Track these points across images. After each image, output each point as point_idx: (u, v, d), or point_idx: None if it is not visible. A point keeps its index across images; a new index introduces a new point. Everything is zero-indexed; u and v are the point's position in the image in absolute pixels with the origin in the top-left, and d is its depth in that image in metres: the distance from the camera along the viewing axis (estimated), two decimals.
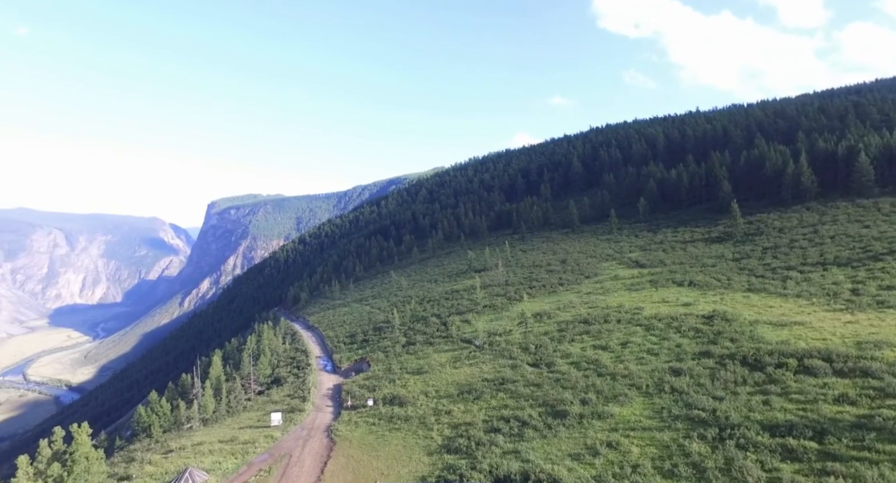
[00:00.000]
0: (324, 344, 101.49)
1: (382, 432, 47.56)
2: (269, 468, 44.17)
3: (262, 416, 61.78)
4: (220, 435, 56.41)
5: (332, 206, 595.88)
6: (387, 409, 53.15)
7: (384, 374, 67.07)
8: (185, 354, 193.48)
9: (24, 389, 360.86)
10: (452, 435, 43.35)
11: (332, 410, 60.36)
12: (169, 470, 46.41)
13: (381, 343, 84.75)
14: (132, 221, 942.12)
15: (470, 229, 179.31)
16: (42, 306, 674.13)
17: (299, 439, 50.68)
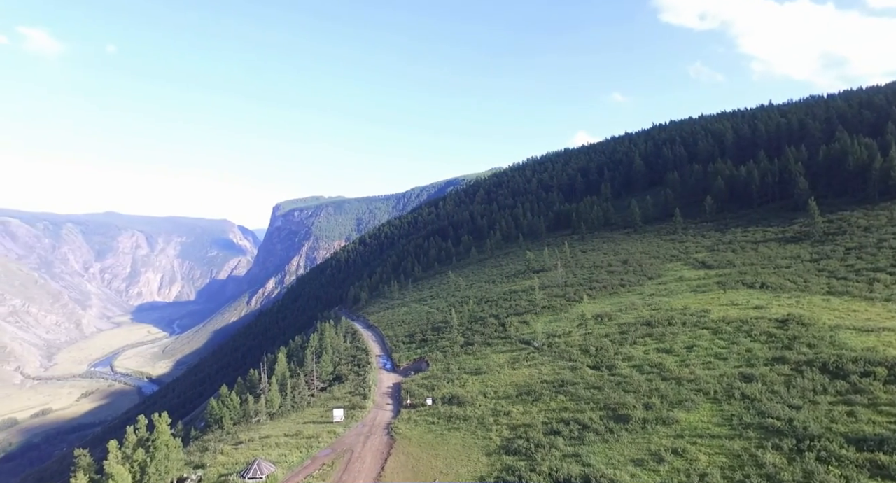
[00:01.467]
0: (383, 343, 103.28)
1: (441, 431, 47.89)
2: (331, 463, 45.43)
3: (324, 412, 63.58)
4: (286, 429, 58.48)
5: (390, 207, 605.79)
6: (445, 409, 53.46)
7: (443, 373, 67.48)
8: (252, 351, 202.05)
9: (111, 380, 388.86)
10: (511, 436, 43.09)
11: (392, 408, 61.36)
12: (239, 460, 48.58)
13: (440, 343, 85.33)
14: (204, 224, 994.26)
15: (528, 230, 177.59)
16: (126, 303, 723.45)
17: (360, 436, 51.82)
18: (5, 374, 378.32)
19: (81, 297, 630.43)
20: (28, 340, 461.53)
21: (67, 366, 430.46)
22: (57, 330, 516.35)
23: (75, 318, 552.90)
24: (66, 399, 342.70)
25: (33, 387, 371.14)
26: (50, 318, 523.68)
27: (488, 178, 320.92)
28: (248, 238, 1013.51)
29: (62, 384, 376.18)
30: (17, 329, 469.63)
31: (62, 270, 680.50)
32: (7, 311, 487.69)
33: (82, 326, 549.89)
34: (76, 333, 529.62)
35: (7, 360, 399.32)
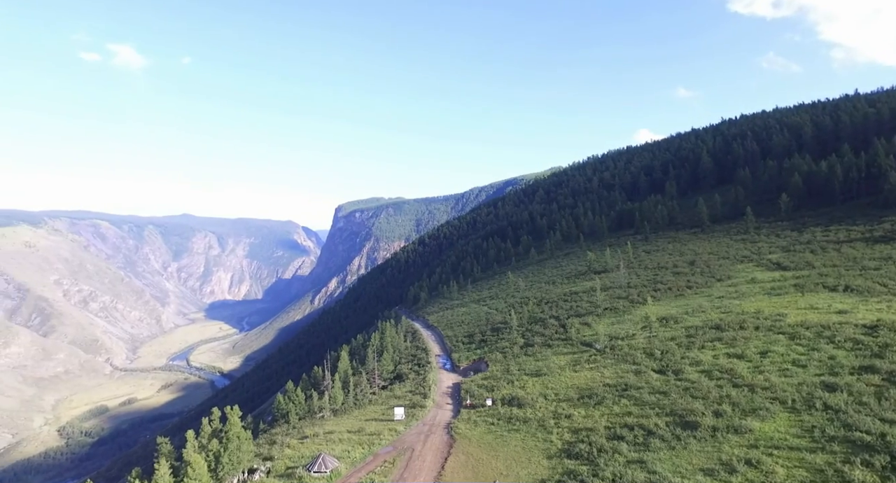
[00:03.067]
0: (443, 343, 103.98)
1: (501, 432, 47.70)
2: (393, 460, 46.19)
3: (385, 410, 64.74)
4: (349, 425, 59.99)
5: (449, 207, 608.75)
6: (505, 410, 53.19)
7: (502, 374, 67.19)
8: (316, 348, 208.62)
9: (187, 373, 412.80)
10: (573, 439, 42.33)
11: (452, 408, 61.68)
12: (304, 454, 50.30)
13: (499, 344, 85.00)
14: (271, 225, 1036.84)
15: (589, 230, 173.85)
16: (200, 301, 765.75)
17: (421, 434, 52.39)
18: (97, 364, 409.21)
19: (161, 295, 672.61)
20: (116, 334, 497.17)
21: (149, 359, 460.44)
22: (140, 325, 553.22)
23: (156, 315, 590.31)
24: (149, 390, 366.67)
25: (120, 377, 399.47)
26: (134, 313, 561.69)
27: (548, 178, 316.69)
28: (312, 239, 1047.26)
29: (145, 376, 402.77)
30: (106, 324, 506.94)
31: (144, 269, 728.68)
32: (99, 306, 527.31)
33: (162, 322, 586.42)
34: (156, 328, 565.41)
35: (99, 352, 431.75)
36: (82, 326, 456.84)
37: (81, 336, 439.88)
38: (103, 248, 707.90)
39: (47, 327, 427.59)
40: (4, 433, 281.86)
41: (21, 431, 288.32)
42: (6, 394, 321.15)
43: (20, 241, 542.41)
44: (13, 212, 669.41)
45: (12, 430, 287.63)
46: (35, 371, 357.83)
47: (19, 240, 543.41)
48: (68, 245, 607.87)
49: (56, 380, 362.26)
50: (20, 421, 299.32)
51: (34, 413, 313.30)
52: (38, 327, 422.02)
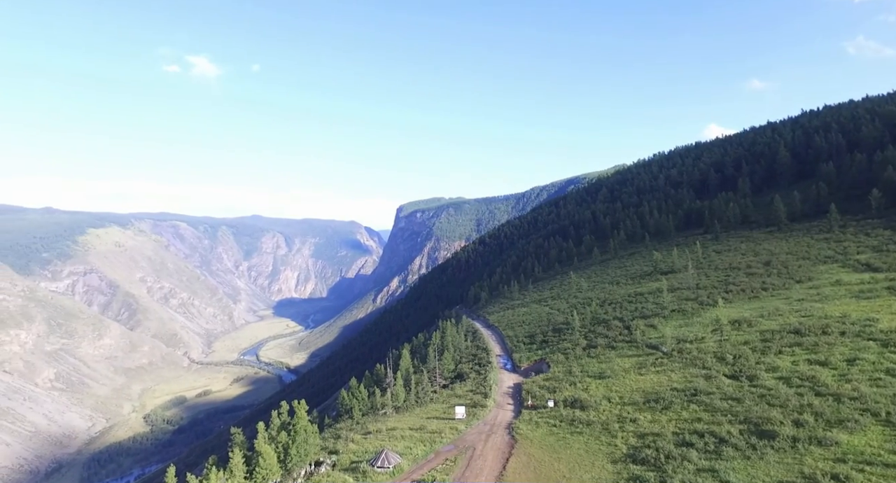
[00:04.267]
0: (503, 343, 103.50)
1: (563, 435, 46.94)
2: (454, 458, 46.46)
3: (446, 408, 65.16)
4: (411, 423, 60.83)
5: (510, 207, 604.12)
6: (567, 412, 52.29)
7: (564, 376, 66.09)
8: (378, 346, 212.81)
9: (257, 368, 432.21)
10: (638, 444, 41.05)
11: (513, 409, 61.29)
12: (368, 449, 51.48)
13: (561, 345, 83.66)
14: (335, 225, 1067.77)
15: (655, 229, 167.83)
16: (268, 299, 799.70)
17: (482, 434, 52.40)
18: (177, 357, 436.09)
19: (233, 292, 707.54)
20: (193, 329, 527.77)
21: (222, 353, 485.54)
22: (214, 321, 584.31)
23: (228, 311, 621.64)
24: (222, 382, 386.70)
25: (197, 370, 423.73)
26: (209, 310, 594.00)
27: (611, 176, 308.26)
28: (374, 239, 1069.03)
29: (218, 369, 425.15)
30: (185, 319, 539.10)
31: (218, 268, 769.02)
32: (178, 303, 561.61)
33: (234, 318, 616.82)
34: (229, 324, 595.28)
35: (178, 345, 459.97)
36: (163, 321, 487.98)
37: (163, 330, 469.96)
38: (182, 247, 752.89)
39: (133, 321, 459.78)
40: (100, 418, 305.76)
41: (113, 417, 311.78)
42: (101, 382, 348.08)
43: (111, 241, 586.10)
44: (105, 214, 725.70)
45: (106, 415, 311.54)
46: (124, 362, 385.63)
47: (110, 240, 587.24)
48: (151, 245, 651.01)
49: (141, 370, 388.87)
50: (112, 407, 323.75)
51: (124, 400, 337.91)
52: (125, 321, 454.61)
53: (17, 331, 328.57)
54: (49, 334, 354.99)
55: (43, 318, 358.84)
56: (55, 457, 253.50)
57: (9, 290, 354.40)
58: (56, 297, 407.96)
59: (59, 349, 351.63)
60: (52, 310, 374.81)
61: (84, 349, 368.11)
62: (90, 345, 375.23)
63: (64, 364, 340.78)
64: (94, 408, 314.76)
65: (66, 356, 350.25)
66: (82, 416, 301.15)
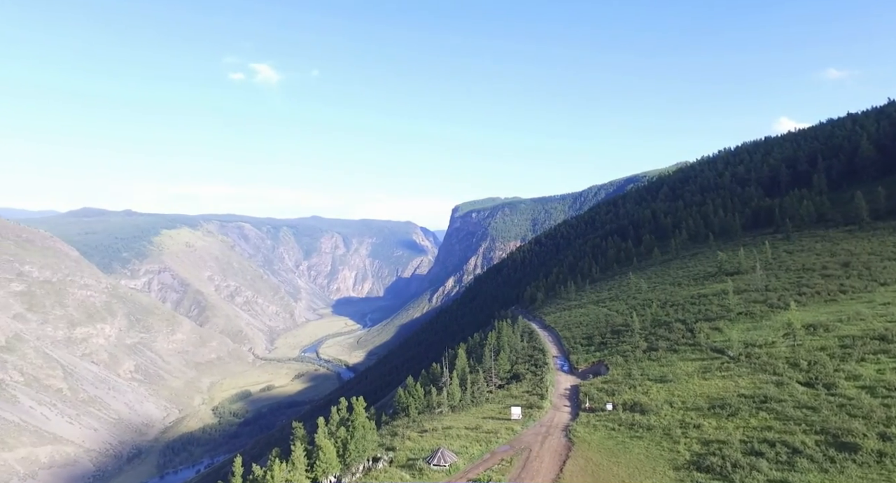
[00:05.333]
0: (560, 344, 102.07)
1: (623, 439, 45.80)
2: (510, 459, 46.26)
3: (502, 409, 64.95)
4: (466, 422, 61.02)
5: (566, 206, 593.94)
6: (627, 416, 50.97)
7: (623, 378, 64.46)
8: (433, 346, 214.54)
9: (317, 365, 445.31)
10: (703, 451, 39.48)
11: (570, 411, 60.36)
12: (424, 447, 52.04)
13: (620, 347, 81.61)
14: (391, 226, 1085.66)
15: (720, 228, 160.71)
16: (327, 297, 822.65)
17: (538, 435, 51.90)
18: (242, 353, 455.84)
19: (294, 291, 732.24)
20: (257, 326, 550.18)
21: (284, 350, 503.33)
22: (276, 318, 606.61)
23: (289, 309, 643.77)
24: (284, 378, 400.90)
25: (260, 366, 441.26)
26: (271, 308, 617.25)
27: (673, 174, 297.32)
28: (430, 239, 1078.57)
29: (280, 365, 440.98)
30: (249, 316, 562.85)
31: (279, 267, 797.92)
32: (242, 300, 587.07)
33: (295, 316, 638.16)
34: (290, 322, 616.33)
35: (243, 341, 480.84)
36: (230, 318, 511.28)
37: (229, 327, 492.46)
38: (246, 247, 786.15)
39: (202, 318, 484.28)
40: (173, 408, 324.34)
41: (185, 408, 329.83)
42: (174, 375, 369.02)
43: (182, 241, 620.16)
44: (177, 216, 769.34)
45: (179, 406, 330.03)
46: (194, 356, 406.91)
47: (181, 240, 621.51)
48: (218, 245, 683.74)
49: (210, 365, 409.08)
50: (184, 399, 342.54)
51: (194, 393, 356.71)
52: (195, 318, 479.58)
53: (102, 325, 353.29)
54: (129, 329, 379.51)
55: (124, 313, 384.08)
56: (135, 443, 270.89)
57: (95, 287, 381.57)
58: (135, 294, 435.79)
59: (138, 343, 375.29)
60: (131, 306, 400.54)
61: (159, 343, 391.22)
62: (164, 339, 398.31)
63: (142, 357, 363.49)
64: (168, 399, 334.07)
65: (143, 349, 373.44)
66: (158, 406, 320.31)
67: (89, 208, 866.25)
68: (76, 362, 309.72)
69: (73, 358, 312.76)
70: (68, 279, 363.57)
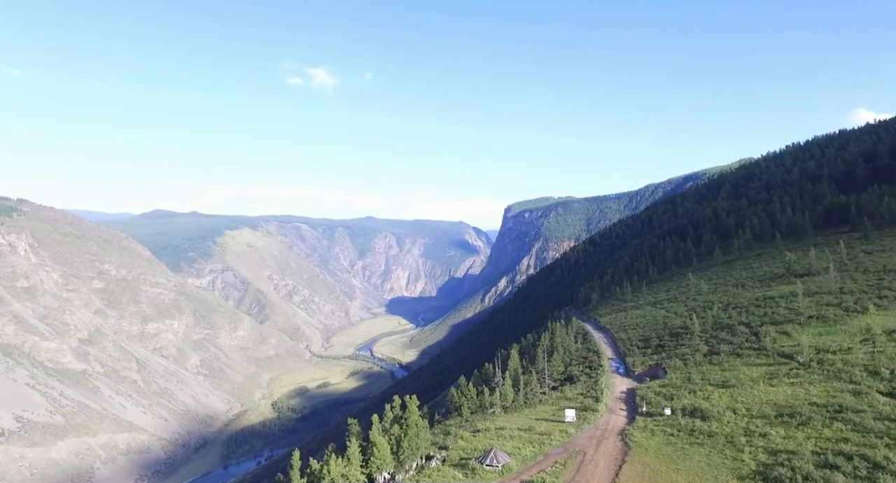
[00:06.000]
0: (615, 346, 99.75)
1: (682, 445, 44.25)
2: (563, 462, 45.59)
3: (556, 410, 64.11)
4: (519, 423, 60.60)
5: (622, 206, 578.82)
6: (686, 421, 49.22)
7: (682, 382, 62.28)
8: (486, 346, 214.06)
9: (371, 363, 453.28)
10: (770, 462, 37.58)
11: (626, 415, 58.89)
12: (477, 447, 52.06)
13: (679, 350, 78.84)
14: (444, 226, 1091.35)
15: (788, 227, 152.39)
16: (381, 297, 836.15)
17: (592, 439, 50.92)
18: (299, 350, 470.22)
19: (348, 290, 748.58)
20: (313, 324, 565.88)
21: (339, 348, 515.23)
22: (332, 317, 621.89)
23: (344, 308, 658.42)
24: (339, 375, 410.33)
25: (317, 363, 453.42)
26: (327, 306, 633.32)
27: (735, 171, 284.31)
28: (482, 239, 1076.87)
29: (336, 363, 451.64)
30: (306, 315, 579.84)
31: (335, 267, 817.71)
32: (300, 299, 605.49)
33: (349, 315, 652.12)
34: (345, 321, 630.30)
35: (300, 339, 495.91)
36: (288, 316, 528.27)
37: (287, 325, 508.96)
38: (303, 247, 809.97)
39: (262, 316, 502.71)
40: (235, 402, 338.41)
41: (246, 402, 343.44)
42: (236, 370, 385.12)
43: (243, 241, 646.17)
44: (239, 217, 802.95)
45: (241, 400, 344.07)
46: (255, 352, 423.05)
47: (243, 241, 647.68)
48: (277, 245, 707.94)
49: (269, 361, 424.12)
50: (245, 393, 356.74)
51: (255, 388, 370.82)
52: (255, 315, 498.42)
53: (171, 321, 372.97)
54: (195, 325, 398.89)
55: (190, 310, 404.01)
56: (201, 434, 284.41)
57: (164, 285, 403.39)
58: (200, 292, 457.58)
59: (203, 339, 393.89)
60: (197, 303, 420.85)
61: (222, 339, 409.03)
62: (227, 336, 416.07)
63: (207, 352, 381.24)
64: (230, 393, 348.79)
65: (208, 345, 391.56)
66: (221, 399, 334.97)
67: (160, 210, 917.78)
68: (148, 356, 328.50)
69: (146, 352, 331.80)
70: (141, 278, 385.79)
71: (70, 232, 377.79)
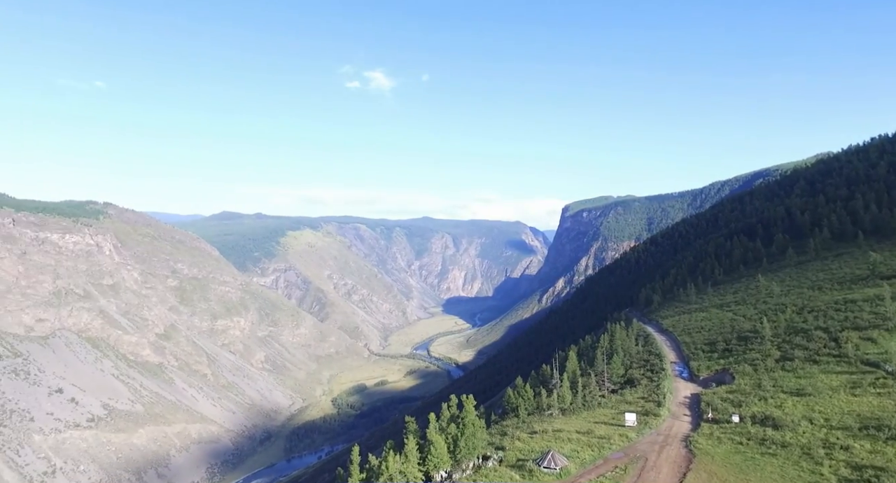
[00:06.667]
0: (679, 349, 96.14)
1: (752, 455, 42.06)
2: (624, 467, 44.34)
3: (615, 414, 62.48)
4: (577, 426, 59.44)
5: (685, 204, 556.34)
6: (757, 430, 46.75)
7: (752, 389, 59.20)
8: (543, 347, 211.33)
9: (427, 362, 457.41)
10: (854, 477, 35.12)
11: (690, 420, 56.65)
12: (534, 449, 51.46)
13: (748, 355, 75.01)
14: (500, 226, 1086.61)
15: (872, 226, 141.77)
16: (437, 297, 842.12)
17: (654, 444, 49.28)
18: (358, 348, 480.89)
19: (406, 290, 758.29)
20: (372, 323, 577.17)
21: (396, 347, 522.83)
22: (389, 316, 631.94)
23: (402, 308, 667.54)
24: (397, 374, 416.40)
25: (375, 361, 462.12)
26: (385, 306, 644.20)
27: (811, 167, 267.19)
28: (539, 239, 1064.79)
29: (393, 361, 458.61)
30: (364, 314, 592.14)
31: (392, 267, 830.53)
32: (358, 298, 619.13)
33: (407, 314, 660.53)
34: (402, 320, 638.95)
35: (358, 337, 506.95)
36: (347, 315, 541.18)
37: (346, 323, 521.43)
38: (361, 248, 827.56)
39: (323, 314, 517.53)
40: (297, 398, 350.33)
41: (308, 398, 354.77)
42: (298, 366, 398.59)
43: (305, 242, 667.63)
44: (300, 218, 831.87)
45: (303, 395, 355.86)
46: (315, 350, 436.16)
47: (304, 241, 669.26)
48: (337, 245, 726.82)
49: (329, 358, 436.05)
50: (307, 389, 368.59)
51: (315, 384, 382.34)
52: (316, 314, 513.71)
53: (238, 318, 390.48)
54: (260, 322, 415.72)
55: (255, 308, 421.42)
56: (265, 427, 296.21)
57: (232, 283, 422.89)
58: (264, 291, 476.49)
59: (267, 335, 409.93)
60: (261, 301, 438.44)
61: (285, 337, 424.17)
62: (290, 333, 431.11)
63: (271, 349, 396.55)
64: (293, 388, 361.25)
65: (272, 342, 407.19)
66: (284, 395, 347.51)
67: (227, 212, 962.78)
68: (217, 351, 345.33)
69: (215, 347, 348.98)
70: (210, 276, 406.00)
71: (148, 233, 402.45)
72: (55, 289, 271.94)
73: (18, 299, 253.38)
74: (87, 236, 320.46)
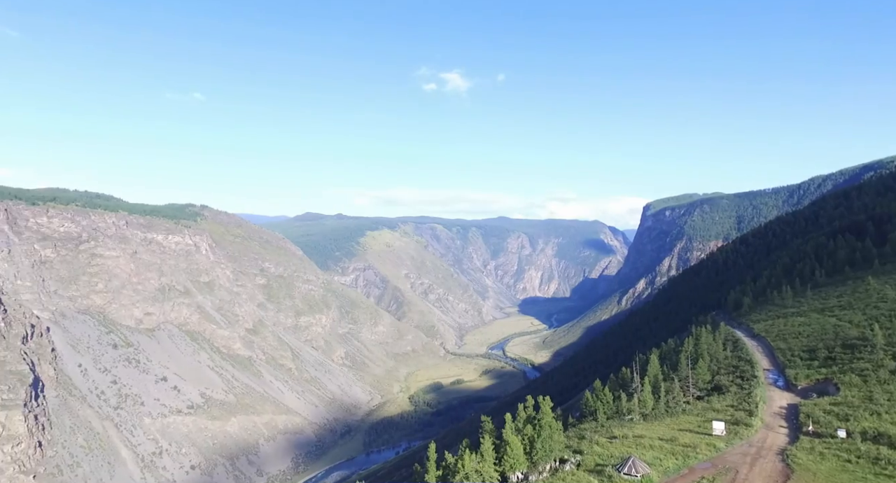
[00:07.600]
0: (772, 356, 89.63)
1: (863, 475, 38.39)
2: (712, 478, 42.00)
3: (701, 422, 59.29)
4: (660, 432, 56.93)
5: (780, 201, 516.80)
6: (868, 447, 42.64)
7: (861, 402, 54.08)
8: (622, 350, 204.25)
9: (503, 362, 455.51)
10: None
11: (787, 433, 52.65)
12: (613, 454, 49.81)
13: (856, 364, 68.60)
14: (578, 225, 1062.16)
15: None
16: (513, 297, 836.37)
17: (746, 456, 46.29)
18: (434, 347, 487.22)
19: (481, 290, 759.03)
20: (447, 322, 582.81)
21: (472, 346, 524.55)
22: (465, 315, 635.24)
23: (477, 307, 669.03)
24: (472, 373, 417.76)
25: (450, 360, 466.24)
26: (460, 305, 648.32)
27: None
28: (619, 238, 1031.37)
29: (469, 361, 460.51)
30: (440, 313, 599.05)
31: (468, 267, 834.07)
32: (435, 297, 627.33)
33: (482, 314, 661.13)
34: (478, 320, 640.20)
35: (435, 336, 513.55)
36: (423, 314, 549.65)
37: (423, 322, 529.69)
38: (438, 247, 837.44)
39: (400, 313, 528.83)
40: (376, 394, 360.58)
41: (385, 394, 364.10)
42: (376, 363, 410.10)
43: (383, 242, 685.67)
44: (379, 219, 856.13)
45: (381, 392, 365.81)
46: (393, 347, 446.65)
47: (382, 241, 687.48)
48: (414, 245, 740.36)
49: (406, 356, 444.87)
50: (385, 386, 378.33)
51: (393, 381, 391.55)
52: (394, 312, 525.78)
53: (320, 315, 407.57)
54: (340, 319, 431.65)
55: (336, 305, 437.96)
56: (346, 421, 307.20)
57: (314, 282, 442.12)
58: (344, 289, 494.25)
59: (347, 333, 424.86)
60: (342, 299, 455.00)
61: (364, 334, 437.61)
62: (368, 331, 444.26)
63: (350, 345, 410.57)
64: (371, 384, 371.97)
65: (352, 339, 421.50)
66: (363, 390, 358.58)
67: (310, 213, 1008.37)
68: (301, 346, 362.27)
69: (299, 342, 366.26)
70: (295, 275, 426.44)
71: (239, 233, 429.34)
72: (160, 285, 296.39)
73: (130, 295, 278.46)
74: (187, 237, 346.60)
